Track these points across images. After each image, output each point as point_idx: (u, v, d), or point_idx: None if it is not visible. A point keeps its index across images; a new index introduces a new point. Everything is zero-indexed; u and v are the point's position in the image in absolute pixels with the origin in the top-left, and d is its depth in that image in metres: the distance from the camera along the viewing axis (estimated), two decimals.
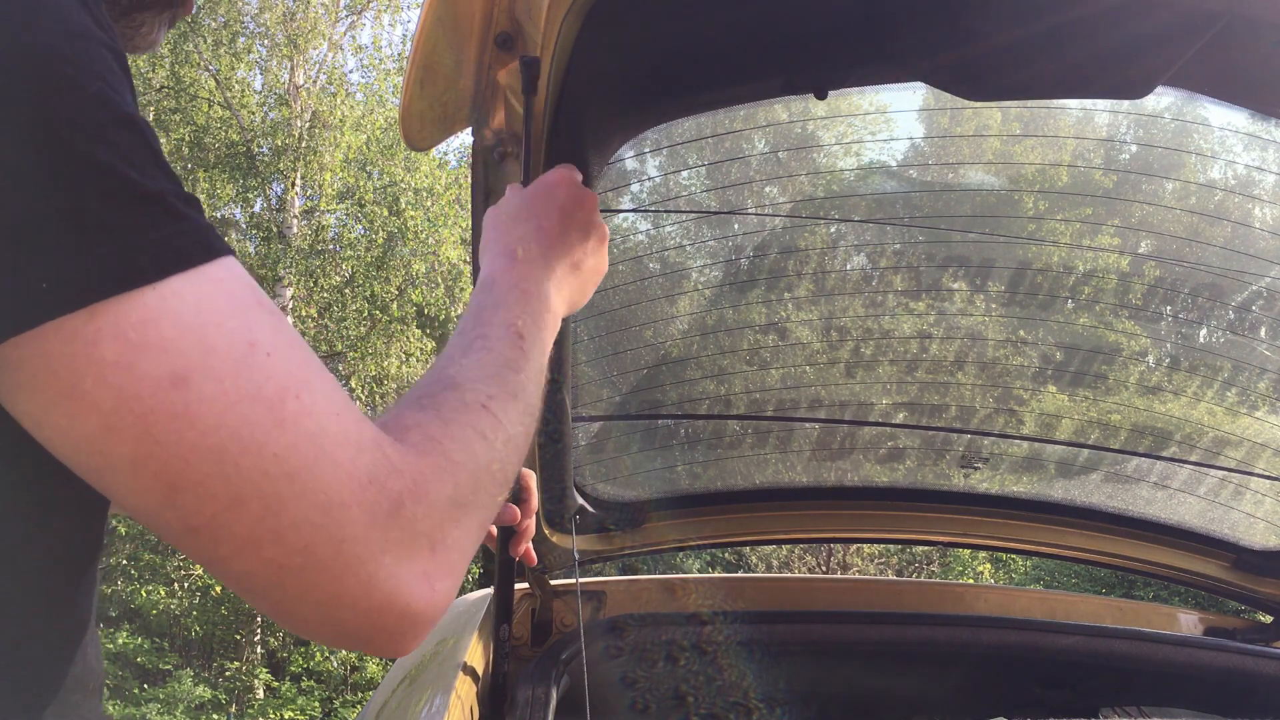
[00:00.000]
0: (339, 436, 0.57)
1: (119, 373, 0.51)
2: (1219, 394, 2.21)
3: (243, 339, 0.55)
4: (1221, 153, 1.84)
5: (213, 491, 0.53)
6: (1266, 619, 2.37)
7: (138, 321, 0.51)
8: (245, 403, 0.53)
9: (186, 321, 0.53)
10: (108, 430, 0.51)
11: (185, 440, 0.52)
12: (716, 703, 2.12)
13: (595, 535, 2.08)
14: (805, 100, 1.58)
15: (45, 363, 0.51)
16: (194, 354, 0.53)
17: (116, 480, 0.53)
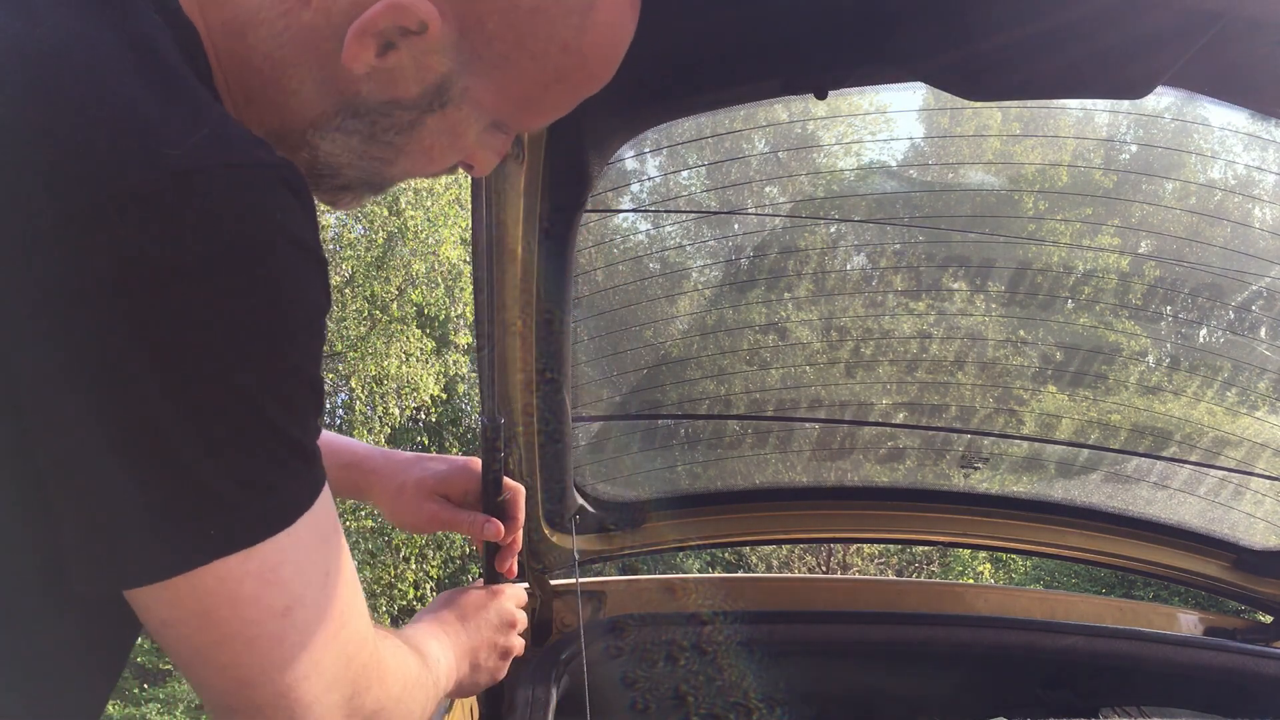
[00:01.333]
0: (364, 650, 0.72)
1: (249, 605, 0.61)
2: (1219, 394, 2.21)
3: (323, 569, 0.65)
4: (1221, 153, 1.84)
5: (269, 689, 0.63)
6: (1266, 619, 2.37)
7: (274, 563, 0.61)
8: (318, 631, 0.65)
9: (301, 561, 0.63)
10: (219, 643, 0.61)
11: (275, 656, 0.63)
12: (716, 703, 2.12)
13: (595, 535, 2.08)
14: (805, 100, 1.58)
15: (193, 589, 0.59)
16: (299, 589, 0.63)
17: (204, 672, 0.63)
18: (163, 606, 0.60)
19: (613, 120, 1.34)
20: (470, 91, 0.74)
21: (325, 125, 0.74)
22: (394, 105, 0.73)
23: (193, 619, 0.60)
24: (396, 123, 0.74)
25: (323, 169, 0.78)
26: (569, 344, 1.69)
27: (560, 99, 0.79)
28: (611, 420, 2.16)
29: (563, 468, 1.82)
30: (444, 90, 0.73)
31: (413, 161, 0.78)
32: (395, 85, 0.71)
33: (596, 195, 1.54)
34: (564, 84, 0.76)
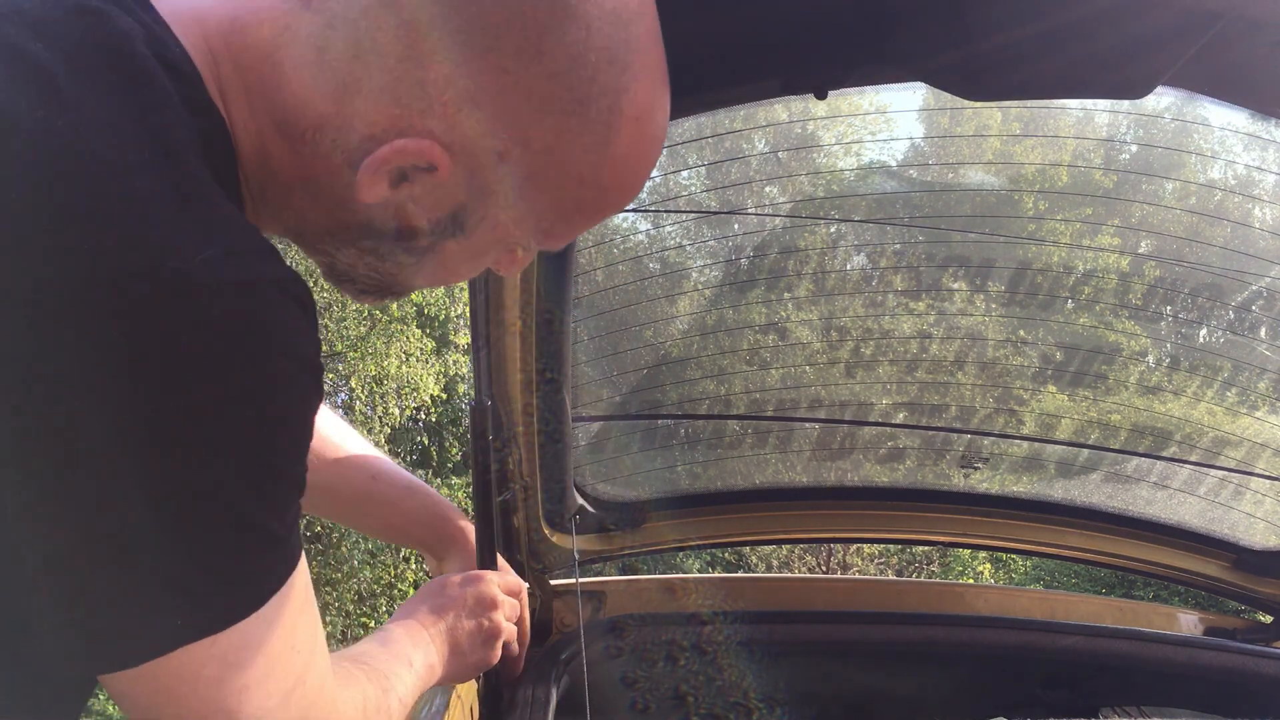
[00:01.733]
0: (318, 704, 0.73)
1: (211, 686, 0.62)
2: (1219, 394, 2.21)
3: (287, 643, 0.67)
4: (1221, 153, 1.84)
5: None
6: (1266, 619, 2.37)
7: (239, 645, 0.63)
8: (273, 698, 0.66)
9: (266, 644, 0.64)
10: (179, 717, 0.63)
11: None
12: (716, 703, 2.12)
13: (595, 535, 2.08)
14: (805, 100, 1.57)
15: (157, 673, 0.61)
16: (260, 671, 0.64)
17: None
18: (128, 685, 0.62)
19: None
20: (487, 220, 0.73)
21: (342, 239, 0.74)
22: (410, 232, 0.73)
23: (157, 697, 0.62)
24: (413, 246, 0.74)
25: (340, 274, 0.79)
26: (569, 344, 1.68)
27: (580, 224, 0.79)
28: (611, 420, 2.16)
29: (563, 468, 1.82)
30: (459, 220, 0.73)
31: (432, 276, 0.79)
32: (409, 215, 0.72)
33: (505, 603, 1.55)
34: (583, 213, 0.76)
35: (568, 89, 0.67)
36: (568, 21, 0.65)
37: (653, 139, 0.75)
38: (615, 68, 0.68)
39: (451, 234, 0.74)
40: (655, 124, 0.74)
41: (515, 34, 0.64)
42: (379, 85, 0.66)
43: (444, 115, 0.66)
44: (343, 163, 0.69)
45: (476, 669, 1.19)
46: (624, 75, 0.69)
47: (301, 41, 0.67)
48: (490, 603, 1.18)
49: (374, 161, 0.67)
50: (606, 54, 0.67)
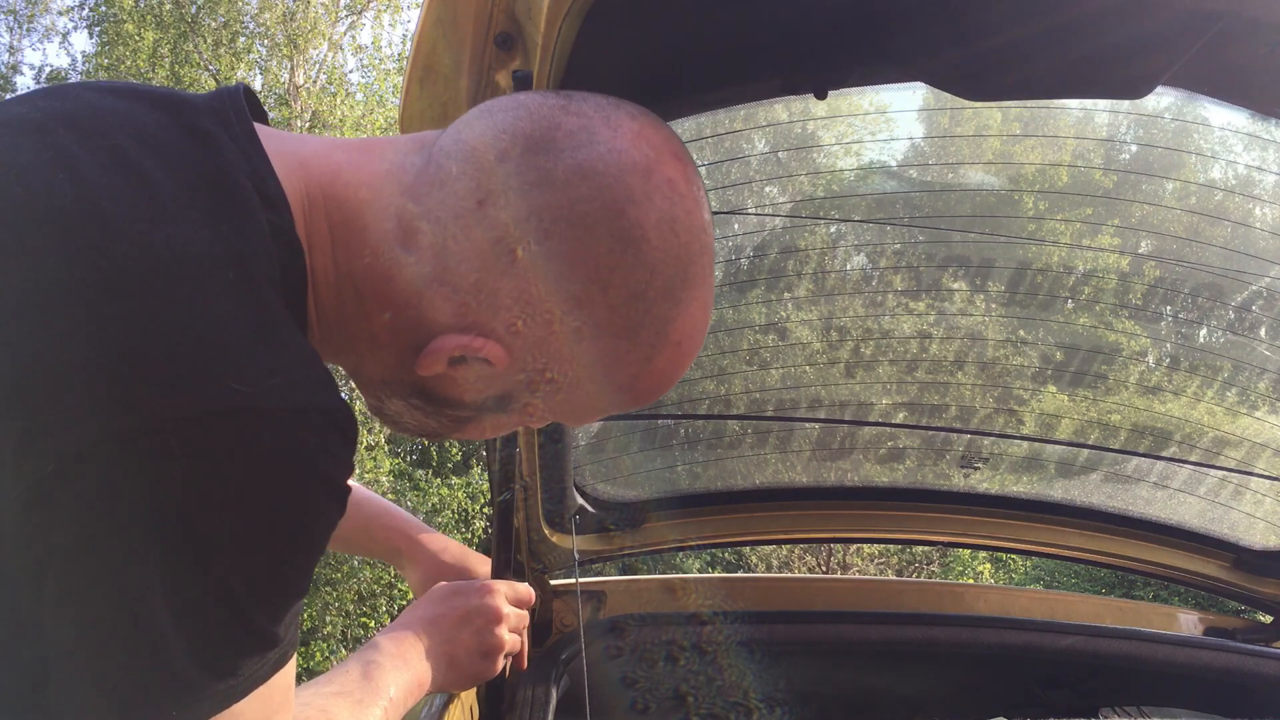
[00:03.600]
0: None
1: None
2: (1219, 394, 2.21)
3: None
4: (1221, 153, 1.84)
5: None
6: (1266, 619, 2.37)
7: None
8: None
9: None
10: None
11: None
12: (716, 703, 2.12)
13: (595, 535, 2.08)
14: (805, 100, 1.58)
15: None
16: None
17: None
18: None
19: None
20: (529, 406, 0.82)
21: (395, 391, 0.81)
22: (457, 404, 0.80)
23: None
24: (456, 415, 0.82)
25: (387, 416, 0.86)
26: None
27: (607, 414, 0.87)
28: (611, 420, 2.16)
29: (563, 468, 1.82)
30: (504, 402, 0.81)
31: (470, 436, 0.87)
32: (460, 390, 0.79)
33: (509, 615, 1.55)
34: (613, 409, 0.84)
35: (625, 318, 0.75)
36: (636, 264, 0.73)
37: (689, 355, 0.83)
38: (669, 301, 0.76)
39: (494, 411, 0.82)
40: (694, 344, 0.82)
41: (588, 268, 0.73)
42: (457, 285, 0.73)
43: (509, 323, 0.74)
44: (409, 342, 0.76)
45: (474, 681, 1.18)
46: (675, 307, 0.77)
47: (393, 219, 0.74)
48: (494, 615, 1.18)
49: (439, 348, 0.75)
50: (664, 290, 0.76)
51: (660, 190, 0.74)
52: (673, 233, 0.75)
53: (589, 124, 0.75)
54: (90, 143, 0.64)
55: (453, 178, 0.74)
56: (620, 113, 0.78)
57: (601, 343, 0.76)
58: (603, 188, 0.73)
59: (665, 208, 0.75)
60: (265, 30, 14.11)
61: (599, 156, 0.73)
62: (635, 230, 0.73)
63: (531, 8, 1.00)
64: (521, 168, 0.73)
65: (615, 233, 0.73)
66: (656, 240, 0.74)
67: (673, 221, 0.75)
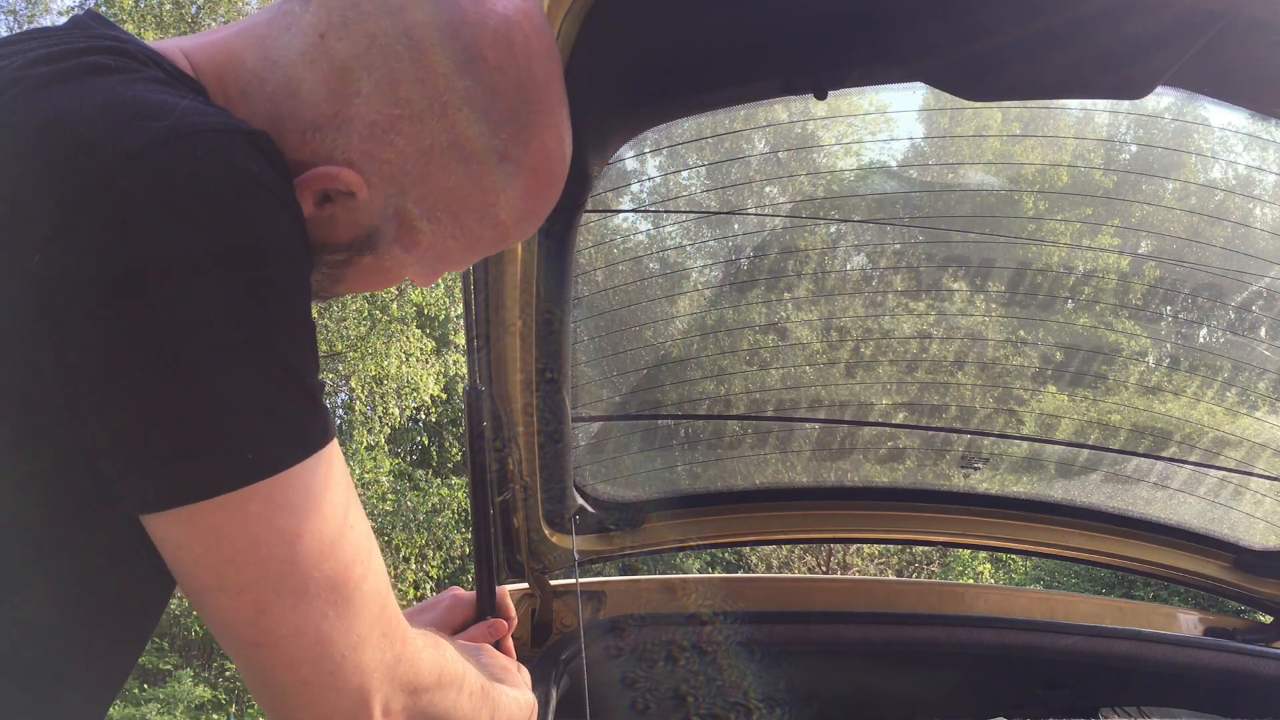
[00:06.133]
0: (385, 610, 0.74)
1: (258, 523, 0.65)
2: (1219, 394, 2.21)
3: (340, 512, 0.70)
4: (1221, 153, 1.84)
5: (287, 620, 0.68)
6: (1266, 619, 2.37)
7: (284, 488, 0.66)
8: (329, 562, 0.68)
9: (312, 492, 0.68)
10: (231, 561, 0.65)
11: (285, 580, 0.67)
12: (716, 703, 2.12)
13: (595, 535, 2.08)
14: (805, 100, 1.58)
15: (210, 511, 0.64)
16: (310, 519, 0.67)
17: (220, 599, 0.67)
18: (178, 529, 0.65)
19: (613, 120, 1.34)
20: (399, 241, 0.83)
21: None
22: (328, 247, 0.82)
23: (205, 538, 0.65)
24: (331, 259, 0.83)
25: None
26: (569, 344, 1.68)
27: (480, 252, 0.89)
28: (611, 420, 2.16)
29: (563, 468, 1.82)
30: (372, 240, 0.82)
31: (350, 286, 0.88)
32: (329, 231, 0.80)
33: (596, 195, 1.54)
34: (481, 243, 0.86)
35: (471, 142, 0.78)
36: (475, 86, 0.76)
37: (547, 185, 0.85)
38: (515, 124, 0.79)
39: (365, 251, 0.83)
40: (551, 173, 0.85)
41: (429, 90, 0.75)
42: (309, 118, 0.76)
43: (364, 150, 0.76)
44: None
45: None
46: (524, 131, 0.80)
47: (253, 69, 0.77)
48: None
49: (302, 180, 0.76)
50: (509, 114, 0.78)
51: (495, 13, 0.77)
52: (510, 55, 0.77)
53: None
54: None
55: (297, 16, 0.77)
56: None
57: (452, 168, 0.78)
58: (438, 10, 0.75)
59: (502, 29, 0.76)
60: None
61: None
62: (471, 50, 0.75)
63: None
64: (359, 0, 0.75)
65: (451, 54, 0.75)
66: (494, 61, 0.76)
67: (510, 44, 0.77)
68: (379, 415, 12.99)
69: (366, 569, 0.72)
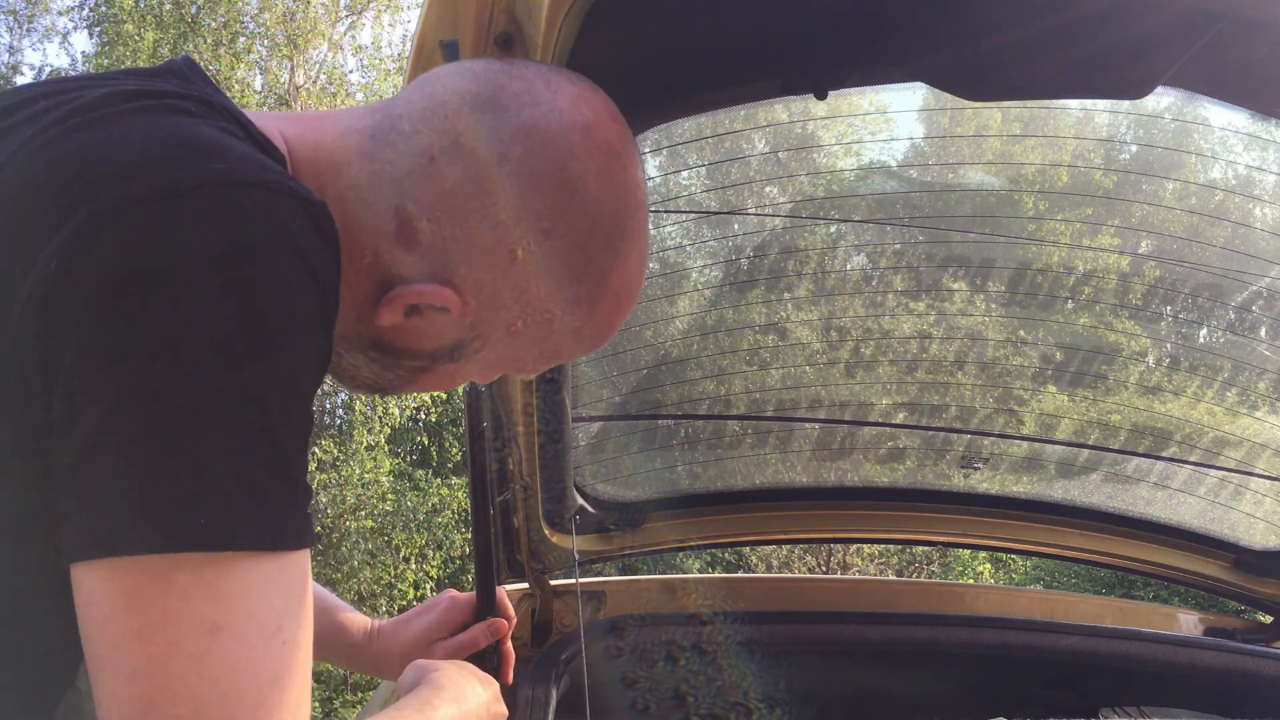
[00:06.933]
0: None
1: (179, 599, 0.58)
2: (1219, 394, 2.21)
3: (276, 621, 0.62)
4: (1221, 153, 1.84)
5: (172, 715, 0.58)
6: (1266, 619, 2.37)
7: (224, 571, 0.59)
8: (245, 674, 0.60)
9: (249, 590, 0.61)
10: (136, 635, 0.58)
11: (184, 681, 0.58)
12: (716, 703, 2.12)
13: (595, 535, 2.08)
14: (805, 100, 1.58)
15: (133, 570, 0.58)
16: (240, 618, 0.60)
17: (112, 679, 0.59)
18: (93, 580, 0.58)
19: None
20: (480, 354, 0.86)
21: (351, 345, 0.84)
22: (411, 354, 0.84)
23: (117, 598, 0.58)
24: (410, 365, 0.86)
25: (343, 371, 0.88)
26: None
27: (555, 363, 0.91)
28: (611, 420, 2.16)
29: (563, 468, 1.82)
30: (457, 350, 0.85)
31: (422, 388, 0.90)
32: (416, 339, 0.83)
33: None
34: (559, 356, 0.89)
35: (568, 266, 0.81)
36: (579, 215, 0.79)
37: (628, 305, 0.89)
38: (609, 252, 0.82)
39: (447, 360, 0.86)
40: (632, 295, 0.89)
41: (534, 218, 0.78)
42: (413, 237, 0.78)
43: (464, 272, 0.79)
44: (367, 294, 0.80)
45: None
46: (615, 259, 0.83)
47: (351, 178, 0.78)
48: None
49: (397, 297, 0.78)
50: (605, 241, 0.81)
51: (599, 148, 0.80)
52: (610, 187, 0.81)
53: (531, 86, 0.80)
54: None
55: (405, 136, 0.78)
56: (560, 77, 0.83)
57: (547, 289, 0.81)
58: (546, 143, 0.78)
59: (604, 164, 0.80)
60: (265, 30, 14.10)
61: (542, 115, 0.79)
62: (577, 183, 0.79)
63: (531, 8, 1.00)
64: (470, 125, 0.78)
65: (559, 184, 0.78)
66: (596, 193, 0.80)
67: (610, 176, 0.81)
68: (379, 415, 12.98)
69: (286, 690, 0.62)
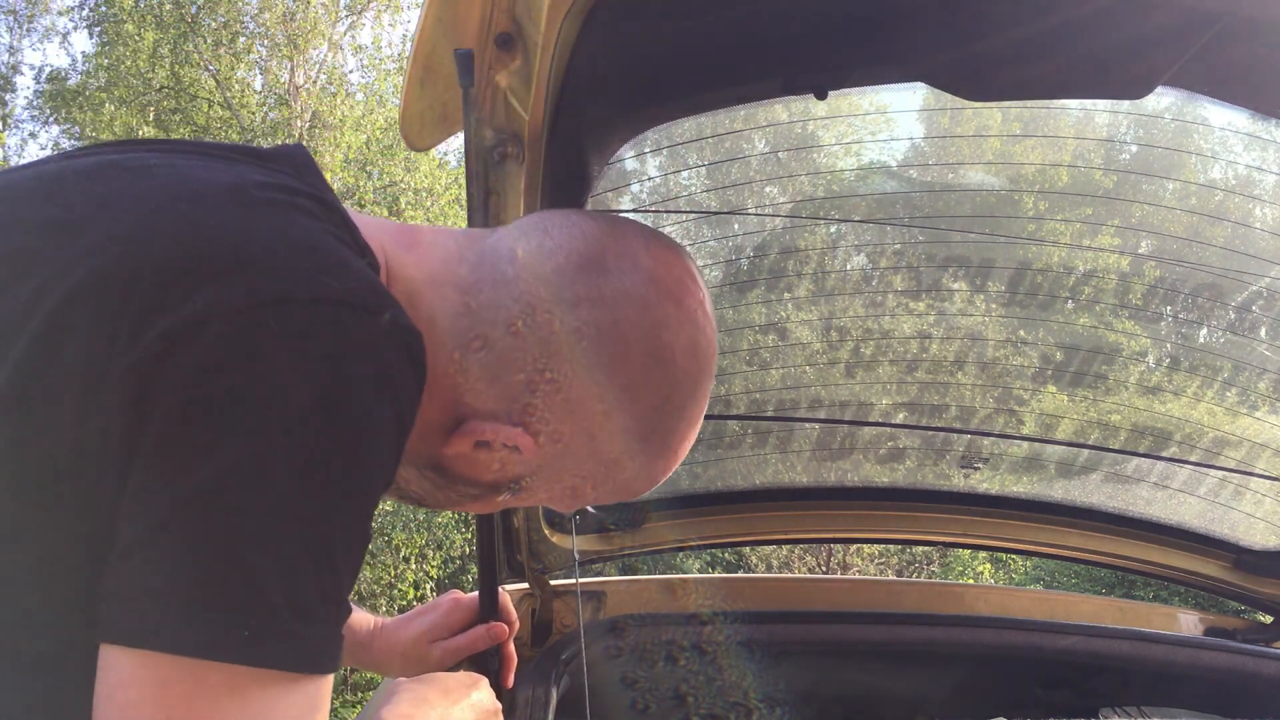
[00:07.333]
0: None
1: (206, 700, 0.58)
2: (1219, 394, 2.21)
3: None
4: (1221, 153, 1.84)
5: None
6: (1266, 619, 2.37)
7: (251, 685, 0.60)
8: None
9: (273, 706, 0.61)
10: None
11: None
12: (716, 703, 2.12)
13: (595, 535, 2.08)
14: (805, 100, 1.58)
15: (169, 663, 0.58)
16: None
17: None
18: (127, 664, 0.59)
19: (613, 120, 1.34)
20: (535, 490, 0.88)
21: (412, 461, 0.85)
22: (471, 482, 0.86)
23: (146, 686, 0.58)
24: (465, 490, 0.88)
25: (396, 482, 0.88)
26: None
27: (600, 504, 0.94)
28: None
29: None
30: (515, 484, 0.87)
31: (470, 509, 0.93)
32: (477, 470, 0.85)
33: (596, 195, 1.54)
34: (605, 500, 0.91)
35: (642, 426, 0.84)
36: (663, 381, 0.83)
37: (679, 460, 0.91)
38: (679, 415, 0.86)
39: (505, 493, 0.88)
40: (685, 451, 0.91)
41: (622, 380, 0.82)
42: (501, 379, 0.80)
43: (544, 419, 0.82)
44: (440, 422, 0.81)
45: None
46: (682, 421, 0.87)
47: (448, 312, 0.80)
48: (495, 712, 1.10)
49: (473, 430, 0.81)
50: (679, 406, 0.85)
51: (690, 318, 0.84)
52: (694, 356, 0.85)
53: (632, 249, 0.84)
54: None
55: (508, 280, 0.81)
56: (658, 243, 0.87)
57: (616, 445, 0.85)
58: (644, 310, 0.82)
59: (692, 334, 0.84)
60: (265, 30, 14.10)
61: (642, 281, 0.83)
62: (667, 352, 0.83)
63: (531, 8, 1.00)
64: (573, 282, 0.81)
65: (650, 352, 0.82)
66: (682, 362, 0.84)
67: (695, 346, 0.85)
68: None
69: None
